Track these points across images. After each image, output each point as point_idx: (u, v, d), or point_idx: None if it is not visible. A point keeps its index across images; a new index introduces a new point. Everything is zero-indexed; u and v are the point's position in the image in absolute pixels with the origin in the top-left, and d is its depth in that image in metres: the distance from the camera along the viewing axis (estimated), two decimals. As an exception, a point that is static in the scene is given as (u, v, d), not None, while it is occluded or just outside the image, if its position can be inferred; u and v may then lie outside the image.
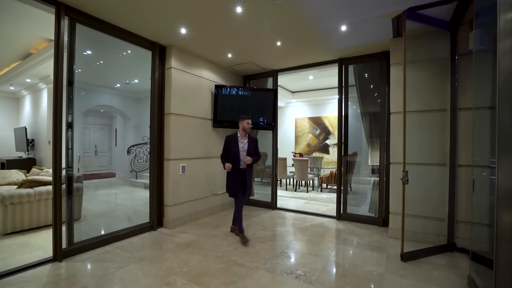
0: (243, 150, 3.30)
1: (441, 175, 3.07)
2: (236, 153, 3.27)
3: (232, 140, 3.32)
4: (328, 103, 8.31)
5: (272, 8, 2.70)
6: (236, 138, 3.33)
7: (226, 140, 3.37)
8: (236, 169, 3.27)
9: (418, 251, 2.75)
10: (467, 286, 2.18)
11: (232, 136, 3.35)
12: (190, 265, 2.55)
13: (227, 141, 3.36)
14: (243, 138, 3.34)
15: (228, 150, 3.32)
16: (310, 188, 7.00)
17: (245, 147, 3.31)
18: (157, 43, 3.58)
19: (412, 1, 2.55)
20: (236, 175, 3.28)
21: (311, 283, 2.26)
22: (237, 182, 3.29)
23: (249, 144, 3.33)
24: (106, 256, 2.75)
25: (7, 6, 3.11)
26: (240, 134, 3.34)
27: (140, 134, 7.65)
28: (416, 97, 3.16)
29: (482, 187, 2.08)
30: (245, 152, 3.30)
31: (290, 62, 4.44)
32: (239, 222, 3.27)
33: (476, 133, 2.41)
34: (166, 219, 3.66)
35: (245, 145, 3.32)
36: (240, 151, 3.29)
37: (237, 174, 3.29)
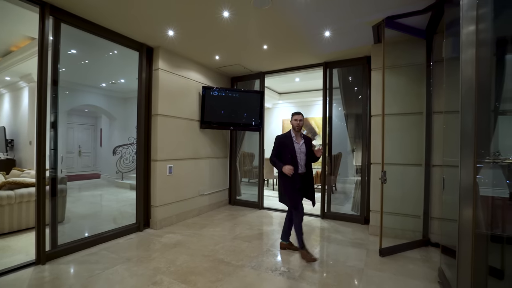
0: (300, 152, 2.84)
1: (417, 174, 3.25)
2: (293, 156, 2.80)
3: (286, 140, 2.86)
4: (315, 105, 8.49)
5: (259, 13, 2.78)
6: (290, 138, 2.86)
7: (278, 141, 2.90)
8: (295, 175, 2.78)
9: (395, 247, 2.91)
10: (437, 278, 2.34)
11: (284, 137, 2.90)
12: (177, 265, 2.60)
13: (280, 141, 2.88)
14: (298, 138, 2.89)
15: (282, 153, 2.85)
16: (297, 188, 7.12)
17: (303, 149, 2.85)
18: (145, 44, 3.59)
19: (390, 10, 2.70)
20: (295, 182, 2.80)
21: (294, 279, 2.35)
22: (296, 188, 2.81)
23: (306, 145, 2.89)
24: (91, 258, 2.74)
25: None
26: (294, 134, 2.89)
27: (126, 134, 7.55)
28: (395, 100, 3.34)
29: (451, 186, 2.24)
30: (303, 156, 2.84)
31: (277, 65, 4.54)
32: (300, 236, 2.81)
33: (447, 135, 2.58)
34: (153, 220, 3.67)
35: (302, 146, 2.86)
36: (297, 153, 2.83)
37: (297, 181, 2.81)
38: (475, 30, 1.60)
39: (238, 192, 5.34)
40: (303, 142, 2.89)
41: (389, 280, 2.34)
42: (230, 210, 4.78)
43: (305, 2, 2.55)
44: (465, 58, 1.60)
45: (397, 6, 2.62)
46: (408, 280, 2.34)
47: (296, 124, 2.85)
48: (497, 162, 2.05)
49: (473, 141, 1.56)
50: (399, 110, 3.35)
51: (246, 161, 6.85)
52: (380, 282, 2.31)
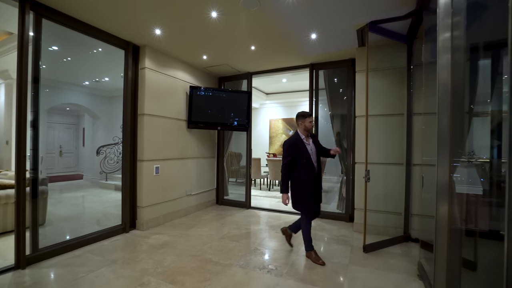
0: (312, 153, 2.78)
1: (398, 173, 3.39)
2: (308, 159, 2.73)
3: (297, 143, 2.76)
4: (301, 105, 8.61)
5: (247, 14, 2.81)
6: (301, 140, 2.78)
7: (290, 147, 2.76)
8: (312, 178, 2.72)
9: (378, 243, 3.02)
10: (417, 271, 2.46)
11: (294, 140, 2.79)
12: (164, 265, 2.58)
13: (293, 147, 2.75)
14: (308, 139, 2.82)
15: (296, 157, 2.74)
16: (284, 187, 7.20)
17: (313, 149, 2.81)
18: (131, 43, 3.54)
19: (374, 15, 2.80)
20: (313, 184, 2.73)
21: (282, 276, 2.40)
22: (313, 192, 2.72)
23: (315, 144, 2.85)
24: (75, 261, 2.68)
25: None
26: (303, 135, 2.81)
27: (111, 134, 7.37)
28: (378, 102, 3.46)
29: (430, 184, 2.36)
30: (315, 155, 2.80)
31: (264, 66, 4.59)
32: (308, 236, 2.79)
33: (426, 135, 2.71)
34: (139, 221, 3.62)
35: (312, 147, 2.81)
36: (311, 155, 2.76)
37: (314, 183, 2.74)
38: (450, 36, 1.70)
39: (225, 192, 5.35)
40: (312, 141, 2.84)
41: (372, 275, 2.44)
42: (217, 210, 4.79)
43: (292, 4, 2.61)
44: (441, 63, 1.70)
45: (380, 12, 2.73)
46: (389, 275, 2.44)
47: (311, 126, 2.81)
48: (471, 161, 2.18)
49: (449, 141, 1.66)
50: (382, 112, 3.47)
51: (233, 161, 6.86)
52: (363, 277, 2.40)
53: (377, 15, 2.79)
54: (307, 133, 2.83)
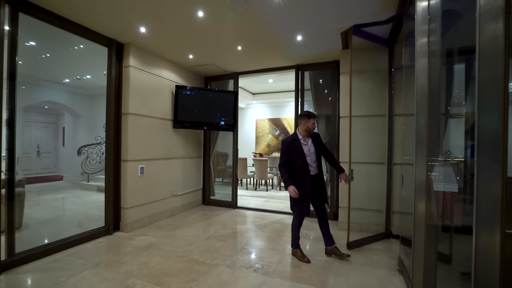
0: (309, 153, 2.74)
1: (380, 172, 3.50)
2: (303, 160, 2.71)
3: (293, 144, 2.73)
4: (287, 105, 8.70)
5: (233, 14, 2.82)
6: (298, 140, 2.75)
7: (286, 146, 2.75)
8: (307, 179, 2.71)
9: (361, 240, 3.12)
10: (397, 266, 2.57)
11: (291, 140, 2.77)
12: (150, 267, 2.55)
13: (288, 146, 2.74)
14: (306, 139, 2.78)
15: (292, 157, 2.73)
16: (270, 187, 7.27)
17: (312, 149, 2.76)
18: (114, 40, 3.45)
19: (357, 19, 2.88)
20: (308, 186, 2.71)
21: (268, 275, 2.43)
22: (309, 191, 2.72)
23: (314, 144, 2.79)
24: (55, 265, 2.59)
25: None
26: (301, 135, 2.78)
27: (93, 133, 7.15)
28: (361, 103, 3.56)
29: (409, 182, 2.47)
30: (314, 156, 2.75)
31: (251, 66, 4.60)
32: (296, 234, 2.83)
33: (405, 136, 2.83)
34: (124, 223, 3.55)
35: (310, 147, 2.76)
36: (307, 155, 2.73)
37: (310, 185, 2.73)
38: (427, 42, 1.79)
39: (212, 192, 5.33)
40: (311, 142, 2.78)
41: (355, 271, 2.51)
42: (204, 210, 4.76)
43: (279, 6, 2.64)
44: (419, 67, 1.79)
45: (363, 16, 2.81)
46: (372, 270, 2.53)
47: (313, 127, 2.76)
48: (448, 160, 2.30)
49: (426, 141, 1.75)
50: (365, 112, 3.58)
51: (219, 161, 6.84)
52: (347, 273, 2.47)
53: (360, 19, 2.87)
54: (306, 134, 2.78)
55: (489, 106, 0.94)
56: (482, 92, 0.95)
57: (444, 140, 2.27)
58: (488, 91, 0.95)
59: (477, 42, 0.96)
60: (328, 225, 2.85)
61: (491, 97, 0.93)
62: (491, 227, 0.93)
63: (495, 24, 0.93)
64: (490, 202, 0.94)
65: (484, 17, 0.94)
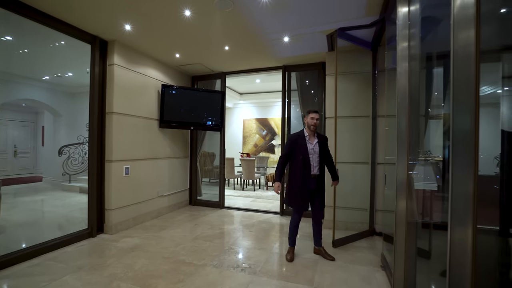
0: (313, 152, 2.70)
1: (365, 172, 3.61)
2: (305, 156, 2.66)
3: (298, 139, 2.70)
4: (274, 105, 8.76)
5: (221, 14, 2.82)
6: (303, 137, 2.71)
7: (290, 140, 2.75)
8: (306, 176, 2.66)
9: (345, 238, 3.20)
10: (380, 262, 2.66)
11: (297, 136, 2.75)
12: (135, 269, 2.51)
13: (293, 140, 2.73)
14: (312, 138, 2.74)
15: (295, 152, 2.70)
16: (257, 187, 7.30)
17: (316, 149, 2.71)
18: (98, 37, 3.36)
19: (342, 22, 2.95)
20: (306, 183, 2.66)
21: (255, 274, 2.45)
22: (306, 190, 2.67)
23: (320, 145, 2.74)
24: (34, 270, 2.49)
25: None
26: (307, 133, 2.74)
27: (75, 133, 6.91)
28: (346, 104, 3.65)
29: (392, 181, 2.56)
30: (317, 155, 2.70)
31: (238, 66, 4.61)
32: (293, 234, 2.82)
33: (388, 136, 2.93)
34: (108, 224, 3.46)
35: (315, 146, 2.71)
36: (310, 153, 2.68)
37: (307, 183, 2.67)
38: (408, 46, 1.86)
39: (199, 192, 5.29)
40: (317, 142, 2.73)
41: (340, 268, 2.58)
42: (190, 211, 4.72)
43: (266, 8, 2.67)
44: (400, 70, 1.86)
45: (348, 19, 2.89)
46: (356, 267, 2.60)
47: (313, 123, 2.69)
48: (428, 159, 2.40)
49: (407, 142, 1.82)
50: (350, 113, 3.67)
51: (206, 161, 6.80)
52: (332, 271, 2.53)
53: (345, 22, 2.95)
54: (311, 132, 2.73)
55: (462, 109, 1.00)
56: (457, 96, 1.01)
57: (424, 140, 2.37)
58: (461, 95, 1.01)
59: (451, 48, 1.02)
60: (321, 229, 2.89)
61: (464, 101, 0.99)
62: (464, 223, 0.99)
63: (468, 32, 0.99)
64: (464, 200, 0.99)
65: (458, 26, 1.00)
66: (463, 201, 0.98)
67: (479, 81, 0.98)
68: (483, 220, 1.03)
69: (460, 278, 0.99)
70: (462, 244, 0.99)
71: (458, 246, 1.00)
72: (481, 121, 0.99)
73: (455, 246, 1.01)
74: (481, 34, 0.98)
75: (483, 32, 0.99)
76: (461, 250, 0.99)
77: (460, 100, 1.00)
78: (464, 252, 0.98)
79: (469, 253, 0.97)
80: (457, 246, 1.00)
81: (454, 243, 1.00)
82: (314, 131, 2.74)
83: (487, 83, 1.51)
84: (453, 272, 1.00)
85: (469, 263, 0.97)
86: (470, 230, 0.97)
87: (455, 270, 1.01)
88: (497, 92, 1.64)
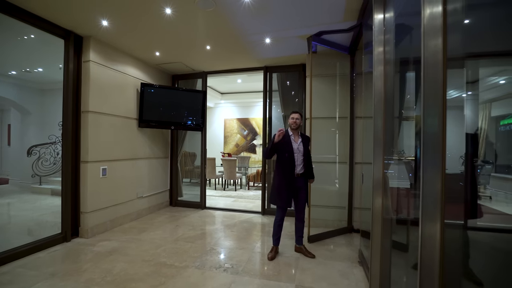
0: (298, 151, 2.74)
1: (344, 171, 3.74)
2: (291, 155, 2.71)
3: (284, 138, 2.70)
4: (256, 105, 8.80)
5: (202, 14, 2.80)
6: (288, 137, 2.76)
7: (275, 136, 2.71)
8: (290, 174, 2.71)
9: (321, 234, 3.31)
10: (357, 258, 2.77)
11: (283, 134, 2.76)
12: (114, 273, 2.43)
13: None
14: (296, 138, 2.78)
15: (279, 151, 2.74)
16: (238, 187, 7.31)
17: (300, 148, 2.75)
18: (73, 32, 3.21)
19: (322, 26, 3.03)
20: (290, 181, 2.72)
21: (238, 274, 2.46)
22: (290, 188, 2.72)
23: (304, 144, 2.78)
24: (3, 278, 2.34)
25: None
26: (291, 132, 2.80)
27: (46, 132, 6.52)
28: (327, 105, 3.76)
29: (369, 180, 2.67)
30: (301, 155, 2.74)
31: (220, 66, 4.59)
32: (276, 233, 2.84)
33: (365, 137, 3.06)
34: (83, 228, 3.32)
35: (299, 146, 2.75)
36: (295, 152, 2.73)
37: (291, 181, 2.72)
38: (383, 51, 1.96)
39: (179, 193, 5.20)
40: (301, 142, 2.80)
41: (320, 265, 2.66)
42: (171, 212, 4.64)
43: (248, 9, 2.68)
44: (376, 73, 1.95)
45: (327, 24, 2.98)
46: (335, 263, 2.70)
47: (293, 122, 2.77)
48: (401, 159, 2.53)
49: (382, 142, 1.92)
50: (329, 114, 3.78)
51: (187, 161, 6.70)
52: (313, 268, 2.60)
53: (325, 26, 3.03)
54: (295, 132, 2.81)
55: (432, 112, 1.07)
56: (427, 100, 1.09)
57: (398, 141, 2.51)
58: (431, 99, 1.08)
59: (422, 55, 1.09)
60: (303, 227, 2.95)
61: (433, 104, 1.07)
62: (433, 218, 1.07)
63: (436, 41, 1.07)
64: (433, 196, 1.07)
65: (427, 34, 1.08)
66: (433, 198, 1.06)
67: (446, 86, 1.06)
68: (450, 215, 1.12)
69: (430, 268, 1.07)
70: (431, 237, 1.07)
71: (429, 240, 1.08)
72: (448, 123, 1.07)
73: (426, 240, 1.08)
74: (448, 42, 1.07)
75: (449, 41, 1.07)
76: (431, 243, 1.07)
77: (430, 104, 1.08)
78: (434, 245, 1.05)
79: (438, 246, 1.05)
80: (428, 240, 1.08)
81: (425, 237, 1.08)
82: (297, 131, 2.82)
83: (453, 87, 1.63)
84: (424, 263, 1.08)
85: (437, 255, 1.04)
86: (438, 225, 1.05)
87: (425, 261, 1.08)
88: (461, 96, 1.77)
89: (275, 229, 2.87)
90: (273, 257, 2.80)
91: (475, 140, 2.01)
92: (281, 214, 2.82)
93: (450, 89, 1.41)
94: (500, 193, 2.19)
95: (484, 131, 2.16)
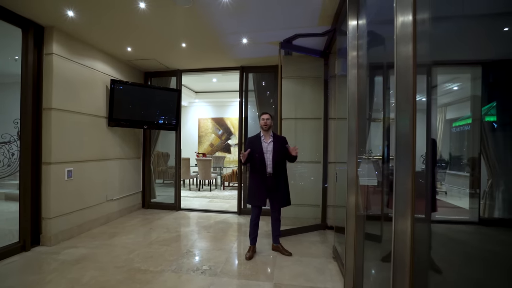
0: (267, 151, 2.84)
1: (317, 170, 3.86)
2: (260, 155, 2.82)
3: (254, 140, 2.90)
4: (230, 105, 8.76)
5: (179, 10, 2.73)
6: (259, 138, 2.90)
7: (248, 141, 2.96)
8: (262, 174, 2.81)
9: (291, 230, 3.46)
10: (331, 254, 2.88)
11: (254, 137, 2.94)
12: (83, 283, 2.28)
13: (250, 141, 2.93)
14: (267, 138, 2.89)
15: (251, 151, 2.85)
16: (214, 187, 7.23)
17: (269, 148, 2.85)
18: (32, 21, 2.94)
19: (297, 29, 3.10)
20: (261, 181, 2.82)
21: (216, 275, 2.44)
22: (263, 187, 2.81)
23: (274, 144, 2.87)
24: (-52, 294, 2.09)
25: None
26: (262, 133, 2.91)
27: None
28: (301, 106, 3.85)
29: (341, 179, 2.80)
30: (270, 154, 2.83)
31: (195, 64, 4.50)
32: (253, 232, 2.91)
33: (338, 137, 3.19)
34: (46, 235, 3.06)
35: (269, 145, 2.86)
36: (265, 152, 2.83)
37: (263, 180, 2.81)
38: (357, 55, 2.06)
39: (152, 194, 5.01)
40: (271, 141, 2.88)
41: (297, 262, 2.73)
42: (144, 214, 4.46)
43: (226, 8, 2.67)
44: (350, 77, 2.05)
45: (302, 27, 3.06)
46: (311, 260, 2.78)
47: (263, 123, 2.87)
48: (370, 158, 2.68)
49: (356, 142, 2.02)
50: (304, 115, 3.88)
51: (160, 161, 6.48)
52: (290, 265, 2.66)
53: (300, 29, 3.11)
54: (265, 132, 2.90)
55: (403, 115, 1.15)
56: (400, 103, 1.17)
57: (367, 141, 2.65)
58: (403, 102, 1.16)
59: (395, 61, 1.17)
60: (280, 226, 3.00)
61: (404, 107, 1.15)
62: (404, 214, 1.16)
63: (407, 47, 1.16)
64: (404, 193, 1.16)
65: (400, 42, 1.16)
66: (404, 195, 1.14)
67: (416, 90, 1.15)
68: (416, 211, 1.21)
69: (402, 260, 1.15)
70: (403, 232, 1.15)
71: (401, 234, 1.16)
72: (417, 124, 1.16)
73: (398, 234, 1.16)
74: (417, 49, 1.16)
75: (419, 48, 1.16)
76: (402, 237, 1.15)
77: (402, 107, 1.16)
78: (405, 238, 1.14)
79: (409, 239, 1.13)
80: (400, 234, 1.16)
81: (397, 231, 1.16)
82: (267, 131, 2.90)
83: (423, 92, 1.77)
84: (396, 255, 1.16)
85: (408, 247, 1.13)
86: (409, 220, 1.14)
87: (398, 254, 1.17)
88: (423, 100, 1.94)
89: (252, 229, 2.90)
90: (251, 256, 2.81)
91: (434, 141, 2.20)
92: (256, 213, 2.90)
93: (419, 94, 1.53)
94: (454, 188, 2.43)
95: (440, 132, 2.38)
